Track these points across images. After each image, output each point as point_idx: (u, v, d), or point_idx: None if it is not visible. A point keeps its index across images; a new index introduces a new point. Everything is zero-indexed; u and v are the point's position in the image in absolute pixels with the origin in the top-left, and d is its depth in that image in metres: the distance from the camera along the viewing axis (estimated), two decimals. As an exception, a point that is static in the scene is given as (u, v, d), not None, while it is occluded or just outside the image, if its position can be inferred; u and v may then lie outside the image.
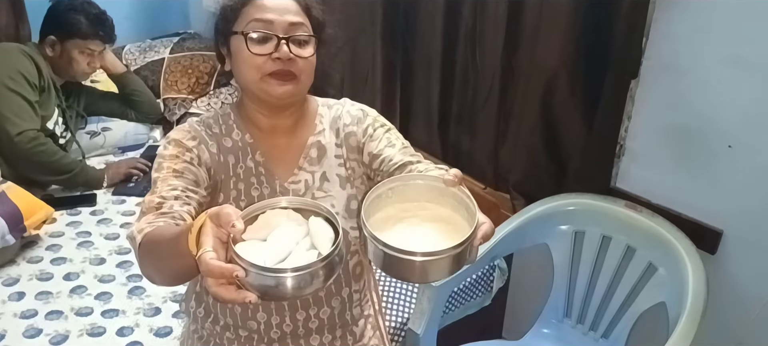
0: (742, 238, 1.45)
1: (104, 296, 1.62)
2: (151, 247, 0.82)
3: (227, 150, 1.01)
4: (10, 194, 1.75)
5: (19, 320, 1.53)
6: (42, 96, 2.06)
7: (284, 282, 0.65)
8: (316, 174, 1.04)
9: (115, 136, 2.43)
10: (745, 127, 1.39)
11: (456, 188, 0.79)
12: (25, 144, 1.95)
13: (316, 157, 1.05)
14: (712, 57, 1.40)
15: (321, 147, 1.06)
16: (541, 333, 1.74)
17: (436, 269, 0.70)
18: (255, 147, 1.03)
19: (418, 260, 0.68)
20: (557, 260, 1.69)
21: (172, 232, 0.80)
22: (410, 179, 0.83)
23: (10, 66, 1.99)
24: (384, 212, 0.79)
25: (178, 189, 0.91)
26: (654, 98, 1.53)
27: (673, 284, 1.45)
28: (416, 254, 0.68)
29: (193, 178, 0.94)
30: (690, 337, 1.30)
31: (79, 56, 2.17)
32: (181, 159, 0.95)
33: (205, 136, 1.01)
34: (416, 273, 0.70)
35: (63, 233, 1.90)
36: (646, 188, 1.61)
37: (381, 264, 0.71)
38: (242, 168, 1.01)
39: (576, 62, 1.60)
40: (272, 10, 0.97)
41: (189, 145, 0.98)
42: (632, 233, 1.56)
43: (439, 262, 0.69)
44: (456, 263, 0.70)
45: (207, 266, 0.64)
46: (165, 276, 0.84)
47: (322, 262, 0.66)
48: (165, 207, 0.87)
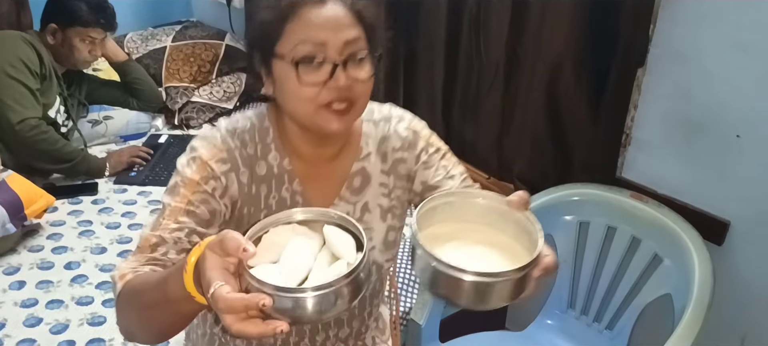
0: (750, 229, 1.43)
1: (105, 285, 1.62)
2: (132, 296, 0.74)
3: (260, 179, 0.89)
4: (11, 182, 1.74)
5: (19, 309, 1.52)
6: (43, 84, 2.05)
7: (307, 303, 0.57)
8: (358, 205, 0.95)
9: (116, 124, 2.42)
10: (754, 117, 1.36)
11: (521, 213, 0.71)
12: (27, 132, 1.94)
13: (359, 186, 0.95)
14: (721, 45, 1.37)
15: (365, 175, 0.95)
16: (545, 324, 1.73)
17: (490, 294, 0.62)
18: (293, 175, 0.91)
19: (470, 279, 0.62)
20: (561, 251, 1.67)
21: (158, 277, 0.72)
22: (469, 196, 0.75)
23: (12, 54, 1.98)
24: (436, 227, 0.71)
25: (183, 230, 0.81)
26: (661, 87, 1.51)
27: (678, 275, 1.43)
28: (468, 272, 0.61)
29: (207, 216, 0.83)
30: (696, 329, 1.28)
31: (80, 44, 2.16)
32: (201, 188, 0.83)
33: (239, 159, 0.87)
34: (465, 295, 0.63)
35: (64, 222, 1.89)
36: (652, 178, 1.58)
37: (428, 280, 0.65)
38: (275, 198, 0.90)
39: (581, 50, 1.58)
40: (324, 27, 0.80)
41: (217, 171, 0.85)
42: (638, 224, 1.54)
43: (494, 286, 0.62)
44: (512, 290, 0.63)
45: (226, 302, 0.55)
46: (148, 329, 0.75)
47: (351, 275, 0.58)
48: (159, 251, 0.79)
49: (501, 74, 1.82)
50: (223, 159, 0.86)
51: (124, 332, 0.79)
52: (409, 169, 0.96)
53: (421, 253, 0.64)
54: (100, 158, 2.15)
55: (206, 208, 0.83)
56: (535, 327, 1.74)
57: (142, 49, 2.74)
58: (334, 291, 0.57)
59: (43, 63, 2.05)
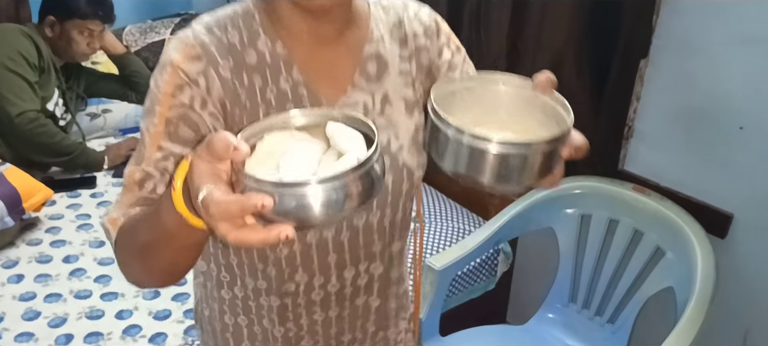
0: (754, 222, 1.42)
1: (103, 278, 1.61)
2: (128, 240, 0.68)
3: (252, 69, 0.74)
4: (9, 176, 1.73)
5: (17, 302, 1.52)
6: (42, 77, 2.05)
7: (328, 195, 0.48)
8: (377, 95, 0.80)
9: (115, 118, 2.41)
10: (758, 109, 1.35)
11: (547, 96, 0.64)
12: (26, 125, 1.93)
13: (376, 73, 0.80)
14: (725, 36, 1.36)
15: (381, 60, 0.80)
16: (546, 318, 1.72)
17: (517, 168, 0.56)
18: (290, 61, 0.75)
19: (496, 150, 0.55)
20: (563, 244, 1.66)
21: (149, 211, 0.66)
22: (491, 82, 0.66)
23: (10, 46, 1.97)
24: (455, 116, 0.62)
25: (169, 158, 0.71)
26: (664, 78, 1.49)
27: (681, 268, 1.42)
28: (494, 142, 0.55)
29: (190, 135, 0.71)
30: (698, 322, 1.27)
31: (79, 36, 2.15)
32: (176, 101, 0.70)
33: (216, 52, 0.72)
34: (490, 169, 0.56)
35: (62, 216, 1.88)
36: (654, 171, 1.57)
37: (449, 156, 0.58)
38: (274, 92, 0.75)
39: (583, 41, 1.56)
40: None
41: (191, 74, 0.70)
42: (640, 217, 1.53)
43: (523, 158, 0.56)
44: (541, 166, 0.57)
45: (219, 206, 0.48)
46: (154, 272, 0.69)
47: (367, 163, 0.50)
48: (147, 188, 0.71)
49: (502, 66, 1.80)
50: (197, 56, 0.71)
51: (132, 281, 0.73)
52: (430, 60, 0.84)
53: (440, 124, 0.58)
54: (98, 152, 2.14)
55: (187, 125, 0.71)
56: (536, 321, 1.73)
57: (141, 42, 2.73)
58: (345, 183, 0.49)
59: (42, 56, 2.04)
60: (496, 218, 1.64)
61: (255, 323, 0.88)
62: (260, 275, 0.82)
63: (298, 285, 0.83)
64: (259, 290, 0.84)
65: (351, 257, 0.83)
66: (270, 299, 0.85)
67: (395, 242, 0.88)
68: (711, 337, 1.36)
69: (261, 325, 0.88)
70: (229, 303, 0.87)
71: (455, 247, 1.60)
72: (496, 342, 1.67)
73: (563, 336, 1.68)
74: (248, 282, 0.84)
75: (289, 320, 0.87)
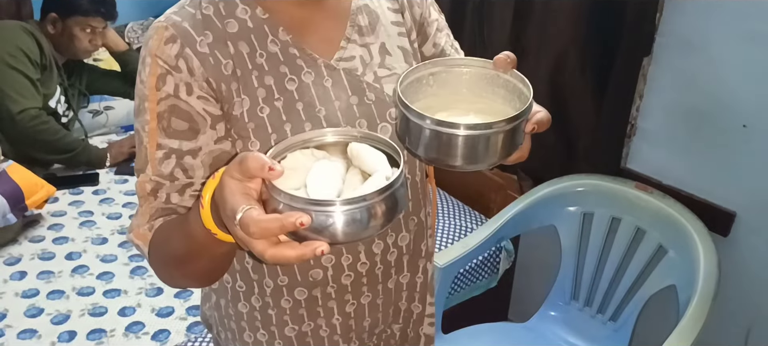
0: (756, 220, 1.42)
1: (106, 275, 1.61)
2: (161, 253, 0.70)
3: (236, 37, 0.72)
4: (11, 173, 1.74)
5: (20, 299, 1.52)
6: (44, 74, 2.05)
7: (368, 212, 0.51)
8: (374, 47, 0.79)
9: (117, 115, 2.41)
10: (761, 107, 1.34)
11: (508, 74, 0.67)
12: (28, 122, 1.94)
13: (368, 25, 0.79)
14: (728, 34, 1.35)
15: (371, 12, 0.80)
16: (548, 316, 1.72)
17: (482, 149, 0.60)
18: (274, 24, 0.74)
19: (463, 133, 0.59)
20: (565, 242, 1.66)
21: (177, 223, 0.68)
22: (455, 65, 0.70)
23: (12, 43, 1.97)
24: (423, 102, 0.67)
25: (170, 157, 0.70)
26: (667, 76, 1.49)
27: (683, 266, 1.42)
28: (460, 126, 0.59)
29: (184, 126, 0.70)
30: (701, 321, 1.27)
31: (81, 33, 2.15)
32: (162, 94, 0.69)
33: (191, 29, 0.70)
34: (460, 152, 0.60)
35: (65, 213, 1.88)
36: (657, 169, 1.57)
37: (420, 143, 0.62)
38: (263, 56, 0.73)
39: (587, 39, 1.56)
40: None
41: (169, 60, 0.68)
42: (642, 215, 1.53)
43: (486, 138, 0.60)
44: (506, 143, 0.61)
45: (259, 225, 0.48)
46: (192, 278, 0.71)
47: (388, 189, 0.52)
48: (160, 197, 0.71)
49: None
50: (170, 37, 0.69)
51: (173, 286, 0.75)
52: (422, 16, 0.85)
53: (408, 114, 0.61)
54: (100, 149, 2.14)
55: (179, 116, 0.69)
56: (538, 319, 1.73)
57: (143, 39, 2.72)
58: (372, 204, 0.51)
59: (44, 53, 2.04)
60: (498, 216, 1.64)
61: (277, 336, 0.85)
62: (281, 269, 0.80)
63: (325, 270, 0.80)
64: (281, 290, 0.82)
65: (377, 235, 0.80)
66: (295, 295, 0.82)
67: (420, 208, 0.86)
68: (713, 335, 1.36)
69: (284, 336, 0.85)
70: (248, 318, 0.85)
71: (457, 245, 1.60)
72: (498, 340, 1.67)
73: (565, 334, 1.68)
74: (267, 285, 0.81)
75: (320, 316, 0.84)
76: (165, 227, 0.71)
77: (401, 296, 0.90)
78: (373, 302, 0.87)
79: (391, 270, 0.86)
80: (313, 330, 0.85)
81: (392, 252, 0.84)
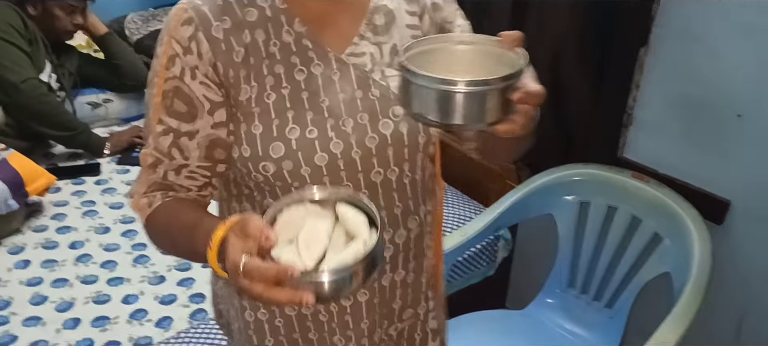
0: (750, 209, 1.44)
1: (109, 264, 1.63)
2: (161, 234, 0.77)
3: (253, 25, 0.75)
4: (12, 160, 1.75)
5: (25, 287, 1.54)
6: (31, 48, 2.05)
7: (327, 285, 0.59)
8: (385, 47, 0.80)
9: (117, 107, 2.41)
10: (756, 97, 1.36)
11: (513, 52, 0.66)
12: (32, 92, 1.95)
13: (384, 25, 0.81)
14: (724, 24, 1.37)
15: (388, 13, 0.82)
16: (545, 303, 1.75)
17: (481, 105, 0.60)
18: (291, 14, 0.77)
19: (461, 90, 0.59)
20: (562, 231, 1.68)
21: (183, 226, 0.74)
22: (459, 42, 0.70)
23: (0, 19, 1.98)
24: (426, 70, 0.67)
25: (169, 134, 0.76)
26: (663, 67, 1.51)
27: (678, 254, 1.44)
28: (458, 83, 0.59)
29: (183, 108, 0.75)
30: (694, 307, 1.29)
31: (61, 13, 2.16)
32: (169, 74, 0.74)
33: (209, 13, 0.74)
34: (458, 110, 0.60)
35: (67, 202, 1.90)
36: (653, 158, 1.59)
37: (418, 103, 0.62)
38: (277, 45, 0.76)
39: (584, 29, 1.57)
40: None
41: (182, 41, 0.73)
42: (638, 204, 1.55)
43: (484, 95, 0.60)
44: (502, 102, 0.61)
45: (260, 271, 0.57)
46: (183, 257, 0.80)
47: (368, 256, 0.60)
48: (159, 172, 0.77)
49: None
50: (187, 19, 0.73)
51: (163, 253, 0.82)
52: (444, 19, 0.86)
53: (409, 76, 0.62)
54: (101, 136, 2.15)
55: (180, 99, 0.75)
56: (535, 306, 1.76)
57: (143, 30, 2.73)
58: (352, 273, 0.59)
59: (28, 27, 2.05)
60: (496, 205, 1.66)
61: (277, 314, 0.88)
62: None
63: None
64: None
65: None
66: None
67: (420, 205, 0.87)
68: (707, 322, 1.38)
69: (284, 315, 0.88)
70: None
71: (456, 233, 1.62)
72: (495, 327, 1.70)
73: (562, 321, 1.70)
74: None
75: (320, 312, 0.86)
76: (169, 213, 0.77)
77: (395, 295, 0.90)
78: (370, 301, 0.87)
79: (386, 266, 0.87)
80: (313, 314, 0.87)
81: (387, 248, 0.86)
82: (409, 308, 0.93)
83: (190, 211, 0.77)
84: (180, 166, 0.78)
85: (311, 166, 0.76)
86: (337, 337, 0.89)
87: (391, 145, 0.80)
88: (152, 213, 0.78)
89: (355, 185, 0.79)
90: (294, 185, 0.77)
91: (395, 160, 0.81)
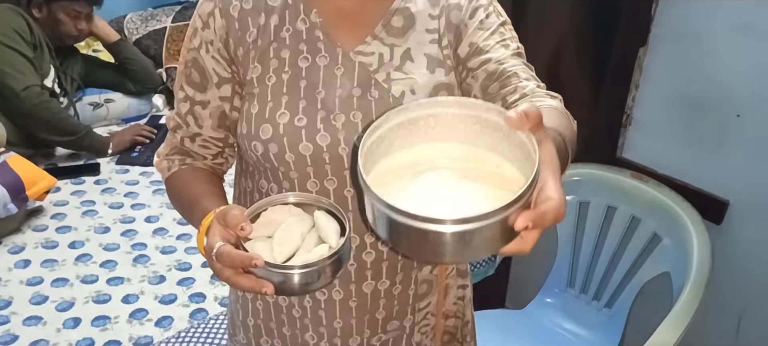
0: (749, 208, 1.44)
1: (109, 263, 1.63)
2: (174, 199, 0.86)
3: (271, 10, 0.79)
4: (12, 163, 1.74)
5: (25, 287, 1.54)
6: (35, 53, 2.05)
7: (292, 279, 0.65)
8: (397, 50, 0.79)
9: (118, 107, 2.41)
10: (754, 97, 1.37)
11: (523, 133, 0.51)
12: (33, 99, 1.94)
13: (401, 28, 0.80)
14: (723, 25, 1.37)
15: (409, 17, 0.80)
16: (545, 303, 1.75)
17: (460, 247, 0.46)
18: (310, 5, 0.79)
19: (424, 227, 0.45)
20: (561, 231, 1.69)
21: (189, 199, 0.81)
22: (449, 106, 0.55)
23: (4, 24, 1.97)
24: (411, 151, 0.53)
25: (186, 102, 0.83)
26: (662, 67, 1.51)
27: (677, 254, 1.45)
28: (446, 222, 0.44)
29: (197, 78, 0.81)
30: (694, 306, 1.30)
31: (65, 18, 2.16)
32: (191, 45, 0.81)
33: None
34: (428, 249, 0.47)
35: (67, 202, 1.90)
36: (652, 158, 1.59)
37: (386, 233, 0.50)
38: (289, 31, 0.79)
39: (583, 30, 1.58)
40: None
41: (204, 12, 0.79)
42: (637, 203, 1.56)
43: (480, 231, 0.45)
44: (494, 239, 0.46)
45: (230, 257, 0.63)
46: None
47: (331, 257, 0.65)
48: (178, 136, 0.85)
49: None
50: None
51: None
52: (460, 19, 0.80)
53: (368, 196, 0.49)
54: (104, 136, 2.15)
55: (196, 70, 0.81)
56: (535, 305, 1.76)
57: (142, 30, 2.73)
58: (316, 270, 0.64)
59: (33, 32, 2.05)
60: (496, 205, 1.66)
61: (258, 296, 0.91)
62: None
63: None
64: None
65: (355, 223, 0.81)
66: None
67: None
68: (706, 321, 1.39)
69: (264, 299, 0.91)
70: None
71: (456, 233, 1.62)
72: (495, 326, 1.70)
73: (561, 320, 1.71)
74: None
75: (294, 306, 0.88)
76: (179, 184, 0.86)
77: (378, 304, 0.87)
78: (344, 301, 0.86)
79: (366, 272, 0.84)
80: (288, 307, 0.90)
81: (368, 252, 0.83)
82: (394, 319, 0.90)
83: (199, 183, 0.84)
84: (194, 134, 0.84)
85: (295, 154, 0.77)
86: (310, 334, 0.90)
87: None
88: (169, 177, 0.87)
89: (341, 181, 0.79)
90: (280, 169, 0.79)
91: None
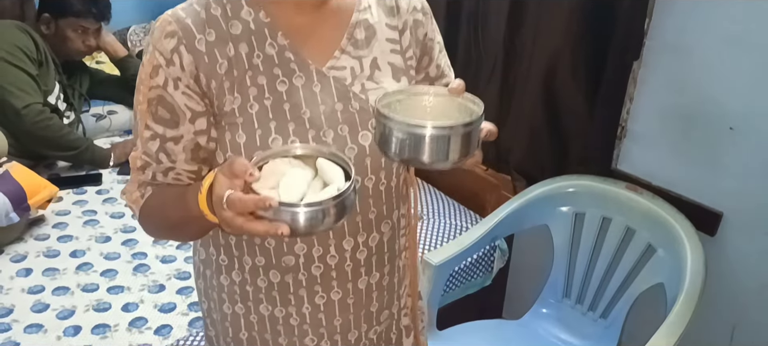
0: (742, 220, 1.45)
1: (110, 272, 1.65)
2: (153, 216, 0.83)
3: (238, 38, 0.78)
4: (14, 173, 1.76)
5: (26, 295, 1.56)
6: (41, 69, 2.07)
7: (311, 215, 0.65)
8: (365, 60, 0.84)
9: (120, 119, 2.44)
10: (748, 109, 1.38)
11: (461, 97, 0.75)
12: (33, 117, 1.96)
13: (364, 39, 0.84)
14: (716, 37, 1.39)
15: (369, 27, 0.85)
16: (541, 313, 1.76)
17: (445, 147, 0.71)
18: (275, 28, 0.80)
19: (429, 132, 0.69)
20: (557, 241, 1.70)
21: (174, 195, 0.79)
22: (414, 93, 0.79)
23: (8, 41, 1.99)
24: (409, 111, 0.78)
25: (155, 139, 0.79)
26: (656, 79, 1.53)
27: (671, 265, 1.46)
28: (427, 126, 0.69)
29: (166, 115, 0.78)
30: (687, 318, 1.31)
31: (73, 34, 2.18)
32: (152, 83, 0.77)
33: (193, 27, 0.76)
34: (426, 150, 0.70)
35: (69, 212, 1.92)
36: (647, 170, 1.61)
37: (395, 145, 0.72)
38: (260, 57, 0.79)
39: (578, 43, 1.60)
40: None
41: (165, 54, 0.76)
42: (632, 215, 1.57)
43: (448, 138, 0.70)
44: (462, 145, 0.71)
45: (242, 201, 0.62)
46: (176, 239, 0.85)
47: (338, 198, 0.66)
48: (148, 173, 0.82)
49: (499, 66, 1.84)
50: (171, 32, 0.76)
51: (156, 237, 0.88)
52: (426, 36, 0.92)
53: (385, 121, 0.71)
54: (105, 149, 2.18)
55: (163, 107, 0.78)
56: (531, 316, 1.77)
57: (145, 42, 2.76)
58: (324, 209, 0.65)
59: (39, 49, 2.07)
60: (493, 215, 1.68)
61: (252, 310, 0.91)
62: (259, 249, 0.87)
63: (297, 257, 0.86)
64: (257, 269, 0.88)
65: (348, 228, 0.86)
66: (269, 276, 0.88)
67: (393, 210, 0.91)
68: (699, 332, 1.39)
69: (258, 312, 0.91)
70: (228, 290, 0.92)
71: (452, 243, 1.64)
72: (491, 336, 1.71)
73: (557, 331, 1.72)
74: (246, 262, 0.88)
75: (291, 304, 0.90)
76: (160, 195, 0.82)
77: (371, 298, 0.93)
78: (343, 300, 0.91)
79: (360, 269, 0.90)
80: (285, 317, 0.91)
81: (362, 250, 0.89)
82: (385, 309, 0.97)
83: (179, 188, 0.82)
84: (167, 168, 0.82)
85: None
86: (310, 337, 0.92)
87: (369, 156, 0.84)
88: (145, 202, 0.84)
89: None
90: None
91: (372, 168, 0.85)
